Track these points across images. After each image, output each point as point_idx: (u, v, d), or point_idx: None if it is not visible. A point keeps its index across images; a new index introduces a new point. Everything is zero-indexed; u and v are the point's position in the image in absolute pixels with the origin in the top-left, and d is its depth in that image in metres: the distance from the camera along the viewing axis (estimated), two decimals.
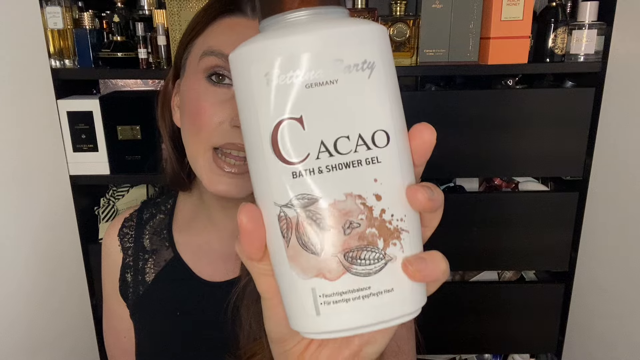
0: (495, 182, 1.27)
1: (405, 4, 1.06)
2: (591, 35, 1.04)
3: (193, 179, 0.65)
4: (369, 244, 0.24)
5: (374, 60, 0.24)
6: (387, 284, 0.24)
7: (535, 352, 1.35)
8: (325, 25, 0.23)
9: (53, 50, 1.08)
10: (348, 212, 0.24)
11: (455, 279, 1.31)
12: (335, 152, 0.23)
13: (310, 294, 0.24)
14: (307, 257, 0.24)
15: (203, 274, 0.63)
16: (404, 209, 0.24)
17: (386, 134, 0.24)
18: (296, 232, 0.24)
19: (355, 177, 0.24)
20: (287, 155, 0.24)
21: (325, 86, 0.23)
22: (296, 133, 0.23)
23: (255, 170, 0.25)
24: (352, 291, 0.24)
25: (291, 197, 0.24)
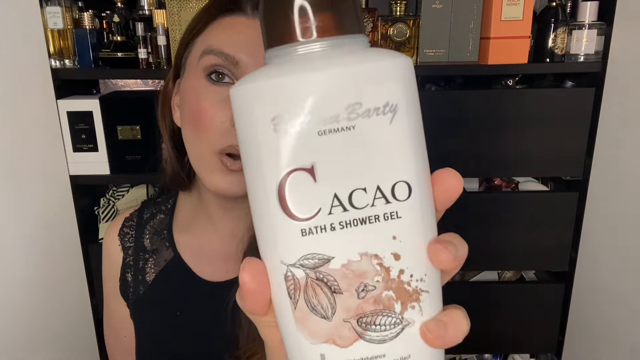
0: (495, 182, 1.27)
1: (405, 4, 1.06)
2: (591, 35, 1.04)
3: (193, 179, 0.65)
4: (385, 308, 0.22)
5: (397, 102, 0.21)
6: (403, 351, 0.22)
7: (535, 352, 1.35)
8: (341, 61, 0.21)
9: (53, 50, 1.08)
10: (363, 274, 0.21)
11: (455, 279, 1.31)
12: (350, 207, 0.21)
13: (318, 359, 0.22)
14: (317, 322, 0.22)
15: (203, 274, 0.63)
16: (425, 268, 0.22)
17: (408, 185, 0.21)
18: (305, 294, 0.22)
19: (371, 235, 0.21)
20: (296, 210, 0.21)
21: (340, 133, 0.20)
22: (306, 185, 0.21)
23: (260, 224, 0.22)
24: (365, 359, 0.22)
25: (299, 256, 0.21)
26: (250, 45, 0.51)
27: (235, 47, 0.51)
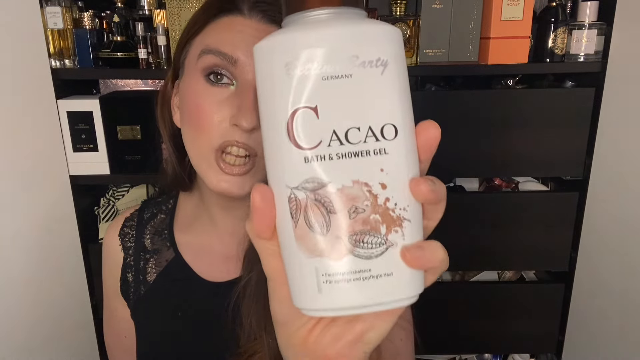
0: (495, 182, 1.27)
1: (405, 4, 1.06)
2: (591, 35, 1.04)
3: (194, 179, 0.65)
4: (372, 229, 0.25)
5: (387, 58, 0.25)
6: (386, 268, 0.25)
7: (535, 352, 1.35)
8: (343, 24, 0.25)
9: (53, 50, 1.08)
10: (354, 198, 0.25)
11: (455, 279, 1.31)
12: (346, 142, 0.25)
13: (314, 272, 0.25)
14: (313, 237, 0.25)
15: (204, 274, 0.63)
16: (407, 199, 0.26)
17: (395, 127, 0.25)
18: (304, 213, 0.25)
19: (362, 166, 0.25)
20: (301, 141, 0.25)
21: (340, 79, 0.24)
22: (310, 121, 0.25)
23: (270, 153, 0.26)
24: (353, 272, 0.25)
25: (302, 180, 0.25)
26: (248, 45, 0.51)
27: (233, 47, 0.51)
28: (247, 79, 0.52)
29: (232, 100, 0.52)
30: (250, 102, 0.51)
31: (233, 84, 0.52)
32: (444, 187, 0.26)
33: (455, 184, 1.27)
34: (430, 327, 1.32)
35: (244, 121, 0.50)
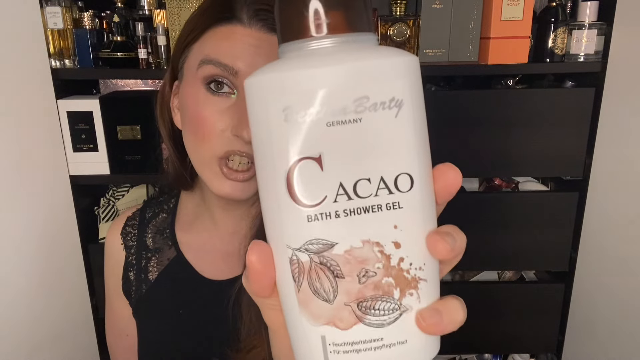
0: (495, 182, 1.27)
1: (405, 4, 1.06)
2: (591, 35, 1.04)
3: (195, 177, 0.66)
4: (384, 294, 0.23)
5: (402, 97, 0.22)
6: (400, 335, 0.23)
7: (535, 352, 1.35)
8: (351, 57, 0.22)
9: (53, 50, 1.08)
10: (364, 260, 0.22)
11: (455, 279, 1.31)
12: (355, 196, 0.22)
13: (319, 341, 0.23)
14: (319, 304, 0.23)
15: (205, 273, 0.64)
16: (424, 257, 0.23)
17: (410, 177, 0.23)
18: (308, 277, 0.23)
19: (374, 223, 0.22)
20: (303, 197, 0.22)
21: (347, 125, 0.21)
22: (313, 174, 0.22)
23: (268, 209, 0.24)
24: (363, 342, 0.23)
25: (305, 241, 0.23)
26: (247, 55, 0.51)
27: (234, 57, 0.51)
28: None
29: (234, 110, 0.52)
30: None
31: (234, 93, 0.53)
32: (464, 240, 0.25)
33: None
34: None
35: (245, 132, 0.50)
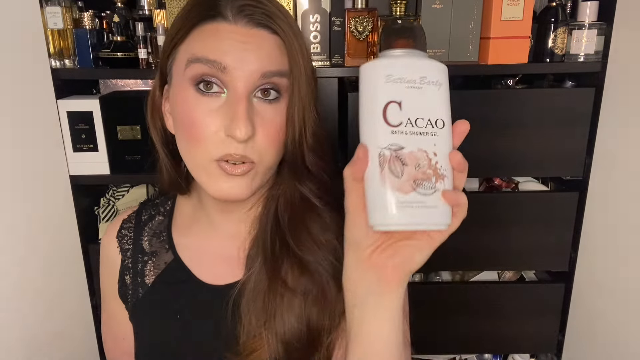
0: (495, 182, 1.27)
1: (405, 4, 1.06)
2: (591, 35, 1.04)
3: (191, 182, 0.65)
4: (427, 178, 0.39)
5: (442, 82, 0.41)
6: (435, 203, 0.40)
7: (535, 352, 1.35)
8: (419, 58, 0.41)
9: (53, 50, 1.08)
10: (418, 158, 0.39)
11: (455, 279, 1.31)
12: (415, 125, 0.40)
13: (392, 200, 0.39)
14: (392, 179, 0.39)
15: (203, 277, 0.63)
16: (447, 164, 0.41)
17: (443, 121, 0.41)
18: (388, 163, 0.39)
19: (424, 141, 0.40)
20: (390, 120, 0.39)
21: (416, 89, 0.40)
22: (396, 110, 0.39)
23: (367, 127, 0.40)
24: (416, 203, 0.39)
25: (388, 144, 0.39)
26: (235, 51, 0.51)
27: (221, 53, 0.51)
28: (237, 87, 0.51)
29: (225, 109, 0.52)
30: (243, 111, 0.50)
31: (224, 92, 0.52)
32: (467, 162, 0.41)
33: None
34: (430, 327, 1.32)
35: (238, 132, 0.50)
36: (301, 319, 0.56)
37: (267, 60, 0.52)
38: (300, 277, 0.57)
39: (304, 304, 0.56)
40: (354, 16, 1.05)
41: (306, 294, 0.57)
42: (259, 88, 0.53)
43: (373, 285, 0.43)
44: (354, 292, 0.45)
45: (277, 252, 0.59)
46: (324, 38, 1.08)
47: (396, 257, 0.42)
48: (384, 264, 0.43)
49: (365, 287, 0.44)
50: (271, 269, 0.58)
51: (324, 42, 1.08)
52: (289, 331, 0.55)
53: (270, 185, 0.62)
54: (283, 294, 0.56)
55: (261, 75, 0.52)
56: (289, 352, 0.55)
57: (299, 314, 0.56)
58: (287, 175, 0.60)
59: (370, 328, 0.45)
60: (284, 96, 0.55)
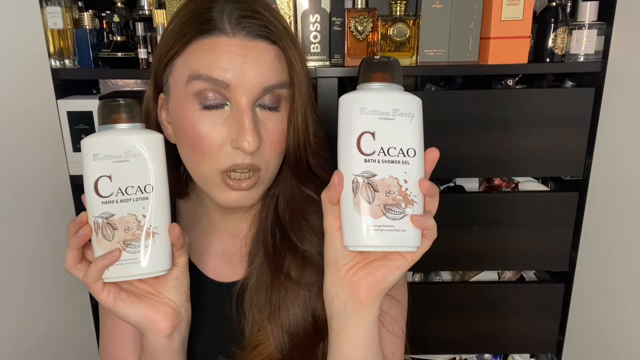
0: (495, 182, 1.27)
1: (405, 4, 1.06)
2: (591, 35, 1.04)
3: (190, 184, 0.66)
4: (397, 204, 0.43)
5: (414, 113, 0.45)
6: (403, 226, 0.43)
7: (535, 352, 1.35)
8: (393, 91, 0.45)
9: (53, 50, 1.08)
10: (389, 185, 0.43)
11: (455, 279, 1.31)
12: (387, 154, 0.44)
13: (362, 223, 0.43)
14: (364, 204, 0.43)
15: (208, 275, 0.64)
16: (417, 191, 0.44)
17: (414, 150, 0.44)
18: (360, 190, 0.43)
19: (395, 169, 0.44)
20: (364, 149, 0.43)
21: (388, 120, 0.44)
22: (370, 139, 0.44)
23: (344, 155, 0.44)
24: (385, 226, 0.43)
25: (361, 171, 0.43)
26: (235, 65, 0.51)
27: (222, 71, 0.51)
28: (240, 101, 0.52)
29: (230, 122, 0.52)
30: (249, 124, 0.51)
31: (227, 104, 0.53)
32: (437, 189, 0.45)
33: (455, 184, 1.27)
34: (430, 327, 1.32)
35: (246, 144, 0.51)
36: (307, 310, 0.57)
37: (267, 72, 0.52)
38: (304, 270, 0.58)
39: (308, 296, 0.57)
40: (354, 16, 1.05)
41: (311, 285, 0.58)
42: (261, 99, 0.54)
43: (349, 301, 0.47)
44: (330, 306, 0.49)
45: (278, 247, 0.60)
46: (324, 38, 1.08)
47: (370, 277, 0.46)
48: (359, 282, 0.47)
49: (341, 302, 0.48)
50: (273, 263, 0.59)
51: (324, 42, 1.08)
52: (295, 322, 0.57)
53: (270, 185, 0.63)
54: (287, 286, 0.58)
55: (263, 89, 0.53)
56: (295, 343, 0.57)
57: (304, 305, 0.57)
58: (288, 175, 0.61)
59: (346, 340, 0.49)
60: (284, 104, 0.56)
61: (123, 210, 0.45)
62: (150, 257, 0.46)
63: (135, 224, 0.45)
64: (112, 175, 0.45)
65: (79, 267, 0.50)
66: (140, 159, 0.45)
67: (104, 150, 0.45)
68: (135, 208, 0.45)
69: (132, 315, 0.50)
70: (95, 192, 0.45)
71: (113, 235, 0.45)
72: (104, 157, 0.45)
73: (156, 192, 0.46)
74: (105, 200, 0.45)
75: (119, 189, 0.45)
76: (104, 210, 0.45)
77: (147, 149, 0.46)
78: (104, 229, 0.45)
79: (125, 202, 0.45)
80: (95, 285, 0.49)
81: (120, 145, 0.45)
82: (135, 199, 0.45)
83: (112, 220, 0.45)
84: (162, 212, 0.47)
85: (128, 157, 0.45)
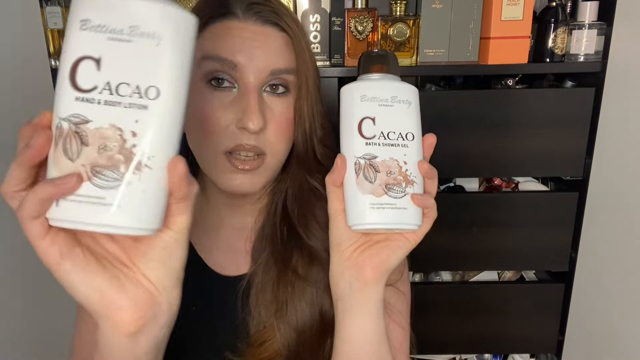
0: (495, 182, 1.27)
1: (405, 4, 1.06)
2: (591, 35, 1.04)
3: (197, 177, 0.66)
4: (398, 183, 0.44)
5: (411, 100, 0.46)
6: (404, 204, 0.44)
7: (535, 352, 1.35)
8: (391, 80, 0.46)
9: (53, 50, 1.08)
10: (390, 166, 0.44)
11: (455, 279, 1.31)
12: (387, 138, 0.45)
13: (365, 202, 0.44)
14: (366, 184, 0.44)
15: (216, 269, 0.65)
16: (417, 172, 0.45)
17: (413, 135, 0.45)
18: (362, 170, 0.44)
19: (395, 151, 0.44)
20: (365, 133, 0.45)
21: (387, 106, 0.45)
22: (370, 125, 0.45)
23: (346, 139, 0.45)
24: (387, 204, 0.44)
25: (363, 153, 0.44)
26: (245, 48, 0.53)
27: (232, 52, 0.52)
28: (248, 82, 0.53)
29: (236, 103, 0.53)
30: (255, 104, 0.52)
31: (235, 87, 0.54)
32: (436, 171, 0.46)
33: (455, 184, 1.27)
34: (430, 327, 1.32)
35: (251, 123, 0.52)
36: (314, 307, 0.57)
37: (275, 57, 0.54)
38: (311, 266, 0.59)
39: (315, 292, 0.58)
40: (354, 16, 1.05)
41: (318, 282, 0.58)
42: (268, 84, 0.55)
43: (354, 281, 0.48)
44: (337, 287, 0.49)
45: (285, 242, 0.60)
46: (324, 38, 1.08)
47: (375, 258, 0.47)
48: (364, 262, 0.47)
49: (347, 282, 0.48)
50: (280, 259, 0.59)
51: (324, 42, 1.08)
52: (302, 319, 0.57)
53: (277, 179, 0.64)
54: (294, 283, 0.58)
55: (270, 72, 0.54)
56: (302, 340, 0.57)
57: (311, 302, 0.57)
58: (297, 168, 0.62)
59: (352, 320, 0.49)
60: (291, 91, 0.57)
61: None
62: (128, 201, 0.31)
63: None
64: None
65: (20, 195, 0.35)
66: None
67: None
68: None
69: (81, 287, 0.34)
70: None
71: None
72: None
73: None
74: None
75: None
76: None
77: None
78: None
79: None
80: (32, 225, 0.35)
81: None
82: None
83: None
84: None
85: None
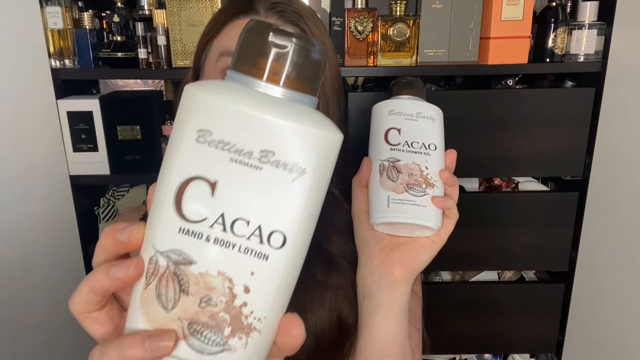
0: (495, 182, 1.27)
1: (405, 4, 1.06)
2: (591, 35, 1.04)
3: None
4: (418, 184, 0.45)
5: (435, 117, 0.50)
6: (424, 203, 0.45)
7: (535, 352, 1.35)
8: (417, 101, 0.50)
9: (53, 50, 1.08)
10: (412, 169, 0.46)
11: (455, 279, 1.31)
12: (411, 147, 0.47)
13: (387, 198, 0.45)
14: (389, 182, 0.46)
15: None
16: (437, 177, 0.46)
17: (435, 145, 0.48)
18: (386, 171, 0.46)
19: (418, 157, 0.47)
20: (391, 141, 0.48)
21: (413, 120, 0.49)
22: (396, 134, 0.48)
23: (373, 146, 0.48)
24: (407, 201, 0.45)
25: (387, 157, 0.47)
26: None
27: None
28: None
29: None
30: None
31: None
32: (456, 179, 0.47)
33: None
34: (430, 327, 1.32)
35: None
36: (332, 313, 0.58)
37: None
38: (330, 273, 0.59)
39: (334, 298, 0.58)
40: (354, 16, 1.05)
41: (337, 288, 0.58)
42: None
43: (383, 279, 0.47)
44: (364, 285, 0.49)
45: None
46: None
47: (405, 257, 0.47)
48: (393, 261, 0.47)
49: (375, 281, 0.48)
50: None
51: None
52: (321, 324, 0.57)
53: None
54: (314, 290, 0.58)
55: None
56: (320, 345, 0.57)
57: (330, 308, 0.58)
58: None
59: (379, 318, 0.48)
60: None
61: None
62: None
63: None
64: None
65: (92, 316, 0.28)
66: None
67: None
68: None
69: None
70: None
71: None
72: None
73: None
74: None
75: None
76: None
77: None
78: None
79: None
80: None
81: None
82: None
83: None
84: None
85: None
